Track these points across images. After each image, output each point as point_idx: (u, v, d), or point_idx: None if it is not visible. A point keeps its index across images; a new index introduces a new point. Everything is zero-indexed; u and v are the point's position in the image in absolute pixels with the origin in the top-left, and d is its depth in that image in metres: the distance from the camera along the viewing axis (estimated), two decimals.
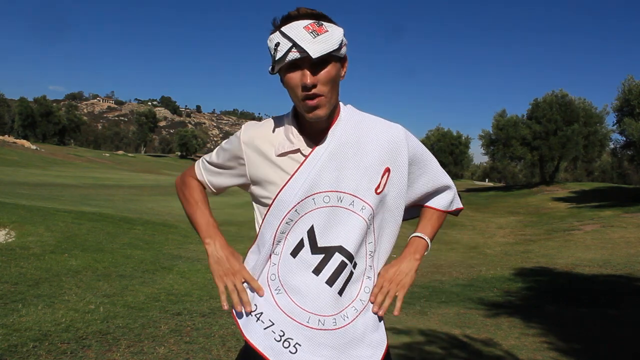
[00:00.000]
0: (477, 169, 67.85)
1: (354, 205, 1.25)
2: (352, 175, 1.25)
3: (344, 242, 1.24)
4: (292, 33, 1.14)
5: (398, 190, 1.31)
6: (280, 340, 1.22)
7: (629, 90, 20.51)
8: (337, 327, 1.23)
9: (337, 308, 1.24)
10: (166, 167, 56.28)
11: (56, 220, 7.71)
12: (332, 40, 1.16)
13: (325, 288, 1.23)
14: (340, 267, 1.24)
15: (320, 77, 1.17)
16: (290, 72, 1.19)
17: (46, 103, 66.01)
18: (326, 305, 1.23)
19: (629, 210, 15.35)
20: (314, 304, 1.23)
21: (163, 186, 22.53)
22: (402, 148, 1.31)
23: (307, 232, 1.24)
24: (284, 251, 1.25)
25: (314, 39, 1.14)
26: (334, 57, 1.19)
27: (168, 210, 12.71)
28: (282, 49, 1.15)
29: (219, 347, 3.55)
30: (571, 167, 39.97)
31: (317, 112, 1.20)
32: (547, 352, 4.07)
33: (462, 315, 5.26)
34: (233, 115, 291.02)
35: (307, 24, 1.15)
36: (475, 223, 16.35)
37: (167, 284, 5.29)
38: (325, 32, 1.15)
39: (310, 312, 1.23)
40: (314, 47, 1.13)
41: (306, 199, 1.23)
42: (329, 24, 1.18)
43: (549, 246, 10.97)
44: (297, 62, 1.17)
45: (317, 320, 1.23)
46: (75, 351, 3.22)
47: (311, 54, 1.13)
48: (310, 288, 1.23)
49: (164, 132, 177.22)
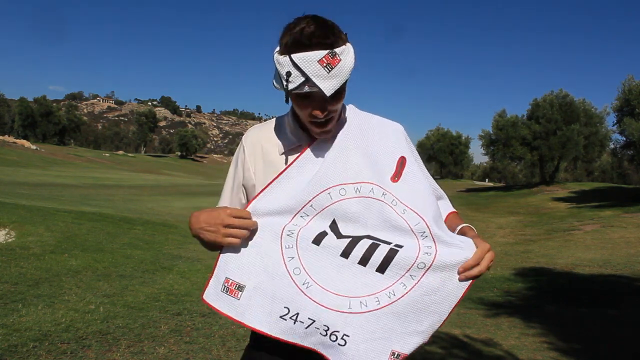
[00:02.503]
0: (477, 169, 67.86)
1: (373, 192, 1.20)
2: (364, 165, 1.23)
3: (372, 231, 1.19)
4: (306, 67, 1.10)
5: (415, 172, 1.27)
6: (326, 335, 1.16)
7: (629, 90, 20.50)
8: (382, 306, 1.17)
9: (379, 286, 1.17)
10: (166, 167, 56.29)
11: (56, 220, 7.71)
12: (345, 69, 1.13)
13: (358, 268, 1.17)
14: (371, 248, 1.18)
15: (332, 106, 1.17)
16: (301, 99, 1.16)
17: (46, 103, 66.02)
18: (364, 285, 1.17)
19: (629, 210, 15.35)
20: (350, 286, 1.17)
21: (163, 186, 22.54)
22: (403, 142, 1.32)
23: (329, 226, 1.19)
24: (302, 243, 1.18)
25: (329, 73, 1.11)
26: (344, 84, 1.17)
27: (168, 210, 12.71)
28: (295, 80, 1.11)
29: (219, 347, 3.55)
30: (571, 167, 39.97)
31: (326, 130, 1.21)
32: (547, 352, 4.07)
33: (462, 315, 5.25)
34: (233, 115, 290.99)
35: (321, 57, 1.10)
36: (475, 223, 16.30)
37: (167, 284, 5.29)
38: (338, 62, 1.12)
39: (349, 297, 1.17)
40: (329, 84, 1.11)
41: (322, 193, 1.20)
42: (341, 49, 1.13)
43: (549, 246, 10.96)
44: (309, 93, 1.15)
45: (359, 303, 1.17)
46: (75, 351, 3.22)
47: (326, 92, 1.11)
48: (342, 271, 1.17)
49: (164, 132, 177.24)
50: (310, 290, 1.17)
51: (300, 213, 1.19)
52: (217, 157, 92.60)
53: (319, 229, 1.19)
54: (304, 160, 1.25)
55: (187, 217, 1.23)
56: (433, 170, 50.75)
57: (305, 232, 1.19)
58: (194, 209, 1.30)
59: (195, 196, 19.19)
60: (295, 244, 1.19)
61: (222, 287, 1.20)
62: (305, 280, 1.17)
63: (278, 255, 1.19)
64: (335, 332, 1.16)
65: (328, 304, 1.16)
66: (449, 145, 46.23)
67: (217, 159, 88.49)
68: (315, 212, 1.19)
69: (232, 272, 1.20)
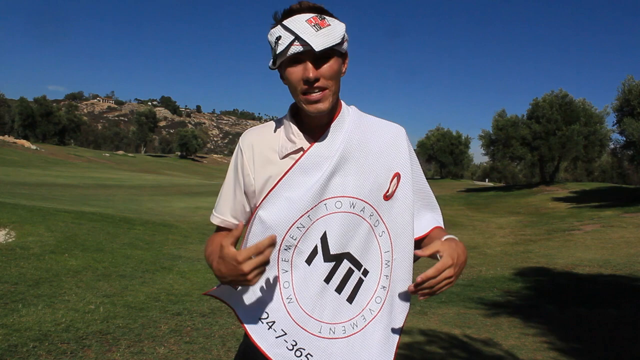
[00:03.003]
0: (477, 169, 67.78)
1: (364, 212, 1.23)
2: (362, 181, 1.24)
3: (353, 249, 1.23)
4: (295, 26, 1.13)
5: (406, 193, 1.29)
6: (292, 350, 1.22)
7: (629, 90, 20.49)
8: (347, 335, 1.23)
9: (346, 315, 1.24)
10: (166, 167, 56.27)
11: (56, 220, 7.70)
12: (335, 34, 1.15)
13: (334, 296, 1.22)
14: (348, 274, 1.23)
15: (323, 71, 1.16)
16: (292, 66, 1.17)
17: (46, 103, 65.97)
18: (336, 312, 1.23)
19: (629, 210, 15.34)
20: (325, 312, 1.22)
21: (163, 186, 22.54)
22: (405, 148, 1.31)
23: (320, 238, 1.21)
24: (296, 259, 1.22)
25: (317, 32, 1.12)
26: (336, 52, 1.17)
27: (168, 210, 12.71)
28: (284, 42, 1.13)
29: (219, 347, 3.55)
30: (571, 167, 39.96)
31: (319, 106, 1.18)
32: (547, 352, 4.07)
33: (462, 315, 5.25)
34: (233, 115, 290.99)
35: (309, 17, 1.14)
36: (475, 223, 16.34)
37: (167, 284, 5.29)
38: (327, 25, 1.14)
39: (322, 322, 1.22)
40: (317, 40, 1.12)
41: (319, 204, 1.21)
42: (331, 18, 1.17)
43: (549, 246, 10.96)
44: (299, 56, 1.15)
45: (329, 329, 1.23)
46: (75, 351, 3.22)
47: (314, 47, 1.12)
48: (322, 296, 1.22)
49: (164, 132, 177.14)
50: (291, 306, 1.22)
51: (297, 224, 1.21)
52: (217, 157, 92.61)
53: (312, 244, 1.21)
54: (304, 165, 1.23)
55: (187, 217, 1.24)
56: (433, 170, 50.71)
57: (301, 247, 1.22)
58: (194, 209, 1.29)
59: (195, 196, 19.18)
60: (290, 259, 1.22)
61: None
62: (289, 296, 1.22)
63: (274, 266, 1.23)
64: (302, 349, 1.22)
65: (302, 323, 1.22)
66: (449, 145, 46.18)
67: (217, 159, 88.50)
68: (310, 222, 1.21)
69: None
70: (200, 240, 8.68)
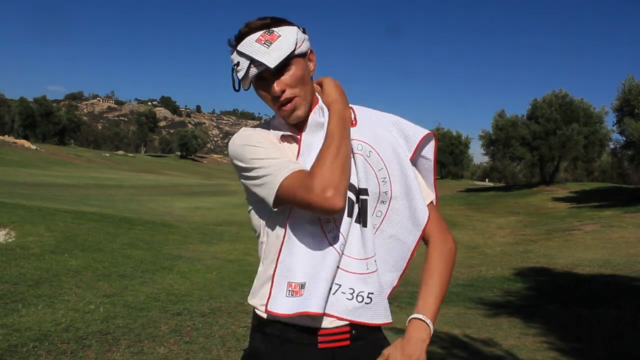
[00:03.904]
0: (477, 169, 67.71)
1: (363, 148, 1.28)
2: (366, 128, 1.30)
3: (361, 183, 1.24)
4: (247, 49, 1.17)
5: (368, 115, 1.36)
6: (352, 298, 1.21)
7: (629, 90, 20.48)
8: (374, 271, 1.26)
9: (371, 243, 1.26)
10: (166, 167, 56.28)
11: (56, 220, 7.70)
12: (287, 43, 1.18)
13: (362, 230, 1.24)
14: (364, 204, 1.24)
15: (285, 80, 1.19)
16: (259, 87, 1.22)
17: (46, 103, 65.96)
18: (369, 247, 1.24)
19: (629, 210, 15.34)
20: (362, 248, 1.23)
21: (163, 186, 22.55)
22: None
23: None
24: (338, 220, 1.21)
25: (268, 48, 1.16)
26: (294, 57, 1.20)
27: (168, 210, 12.71)
28: (243, 67, 1.19)
29: (219, 347, 3.55)
30: (571, 167, 39.95)
31: (296, 114, 1.22)
32: (547, 352, 4.07)
33: (462, 315, 5.25)
34: (233, 115, 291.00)
35: (258, 37, 1.17)
36: (475, 223, 16.34)
37: (167, 284, 5.29)
38: (277, 37, 1.18)
39: (363, 259, 1.23)
40: (270, 57, 1.16)
41: None
42: (281, 27, 1.19)
43: (549, 246, 10.96)
44: (261, 75, 1.20)
45: (374, 262, 1.24)
46: (75, 351, 3.22)
47: (269, 65, 1.16)
48: (355, 235, 1.22)
49: (164, 132, 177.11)
50: (342, 262, 1.22)
51: None
52: (217, 157, 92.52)
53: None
54: (304, 151, 1.25)
55: (187, 217, 1.24)
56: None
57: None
58: (194, 209, 1.29)
59: (195, 196, 19.18)
60: (335, 226, 1.21)
61: (287, 293, 1.22)
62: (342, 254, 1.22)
63: (324, 241, 1.21)
64: (361, 293, 1.22)
65: (351, 269, 1.22)
66: (449, 145, 46.13)
67: (217, 159, 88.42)
68: None
69: (293, 276, 1.22)
70: (200, 240, 8.68)
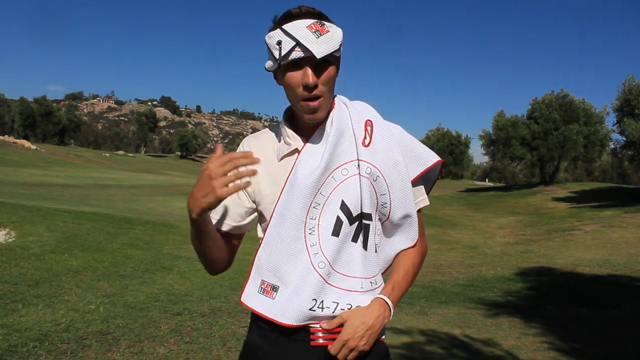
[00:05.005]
0: (477, 169, 67.70)
1: (360, 168, 1.26)
2: (350, 144, 1.27)
3: (364, 208, 1.25)
4: (296, 32, 1.14)
5: (385, 134, 1.30)
6: (335, 310, 1.24)
7: (629, 90, 20.51)
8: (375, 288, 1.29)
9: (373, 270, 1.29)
10: (166, 167, 56.25)
11: (56, 220, 7.70)
12: (334, 40, 1.17)
13: (363, 252, 1.26)
14: (366, 229, 1.26)
15: (321, 77, 1.18)
16: (291, 70, 1.18)
17: (46, 103, 65.90)
18: (370, 267, 1.27)
19: (629, 210, 15.35)
20: (360, 268, 1.26)
21: (163, 186, 22.54)
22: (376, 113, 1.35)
23: (339, 208, 1.24)
24: (322, 236, 1.23)
25: (318, 38, 1.14)
26: (333, 58, 1.19)
27: (168, 210, 12.71)
28: (285, 47, 1.14)
29: (219, 347, 3.55)
30: (571, 167, 39.94)
31: (316, 115, 1.21)
32: (547, 352, 4.07)
33: (462, 315, 5.25)
34: (233, 115, 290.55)
35: (310, 24, 1.15)
36: (475, 223, 16.34)
37: (167, 284, 5.29)
38: (327, 32, 1.16)
39: (361, 277, 1.25)
40: (318, 47, 1.13)
41: (327, 179, 1.24)
42: (330, 24, 1.19)
43: (549, 246, 10.97)
44: (298, 61, 1.16)
45: (369, 283, 1.27)
46: (75, 351, 3.22)
47: (315, 54, 1.13)
48: (353, 255, 1.25)
49: (164, 132, 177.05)
50: (333, 279, 1.24)
51: (313, 204, 1.24)
52: None
53: (333, 216, 1.24)
54: (305, 158, 1.26)
55: (187, 217, 1.23)
56: None
57: (323, 223, 1.24)
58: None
59: None
60: (318, 241, 1.24)
61: (259, 289, 1.29)
62: (328, 272, 1.24)
63: (305, 254, 1.24)
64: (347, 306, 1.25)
65: (347, 287, 1.25)
66: (449, 145, 46.16)
67: None
68: (324, 199, 1.24)
69: (266, 275, 1.27)
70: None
